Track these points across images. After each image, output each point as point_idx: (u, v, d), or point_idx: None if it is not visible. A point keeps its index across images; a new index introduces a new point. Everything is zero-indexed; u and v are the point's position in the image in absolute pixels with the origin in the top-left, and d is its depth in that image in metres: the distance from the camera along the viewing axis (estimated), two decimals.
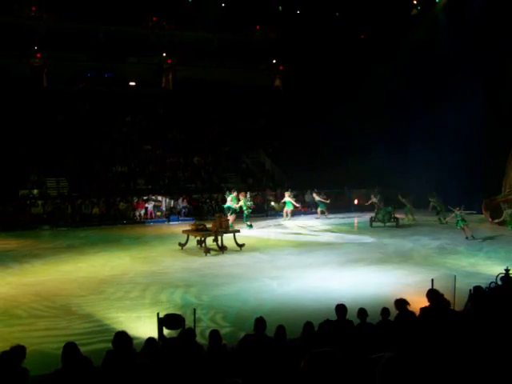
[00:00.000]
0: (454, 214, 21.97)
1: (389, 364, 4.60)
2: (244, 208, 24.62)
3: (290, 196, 28.43)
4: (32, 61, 39.01)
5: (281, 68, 45.79)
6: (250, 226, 24.68)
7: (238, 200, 24.21)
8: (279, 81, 46.40)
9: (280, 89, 45.76)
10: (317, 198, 29.52)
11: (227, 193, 25.19)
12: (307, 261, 17.80)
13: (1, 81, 35.36)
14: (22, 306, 12.68)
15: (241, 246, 19.62)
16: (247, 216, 24.79)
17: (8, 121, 32.79)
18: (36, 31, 38.78)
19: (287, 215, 28.51)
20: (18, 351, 6.48)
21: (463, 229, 21.45)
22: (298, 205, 28.95)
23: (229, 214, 23.38)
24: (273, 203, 31.88)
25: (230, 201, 24.05)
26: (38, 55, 39.05)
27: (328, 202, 29.37)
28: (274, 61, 45.46)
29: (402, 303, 8.42)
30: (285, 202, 28.54)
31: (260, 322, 7.44)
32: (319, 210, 29.25)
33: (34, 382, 6.39)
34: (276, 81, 46.47)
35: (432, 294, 8.57)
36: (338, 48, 38.06)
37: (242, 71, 43.42)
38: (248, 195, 25.06)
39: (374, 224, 25.50)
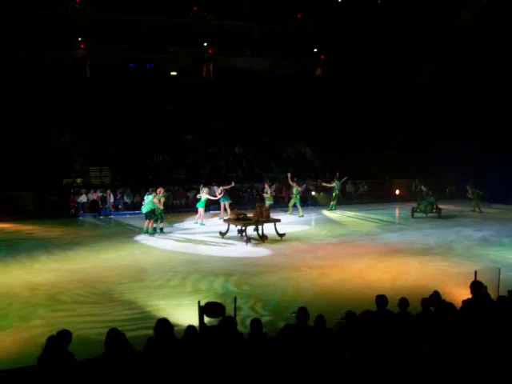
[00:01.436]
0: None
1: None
2: (295, 195, 25.99)
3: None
4: (76, 52, 39.61)
5: (322, 57, 45.44)
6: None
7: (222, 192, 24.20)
8: (320, 70, 46.09)
9: (321, 78, 45.45)
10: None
11: (201, 186, 24.20)
12: (347, 251, 17.71)
13: (46, 71, 35.96)
14: (66, 292, 12.94)
15: (281, 235, 19.60)
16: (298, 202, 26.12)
17: (53, 111, 33.36)
18: (80, 23, 39.36)
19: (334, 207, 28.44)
20: (65, 336, 6.62)
21: None
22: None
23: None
24: (313, 193, 31.74)
25: (206, 194, 23.46)
26: (82, 46, 39.63)
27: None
28: (315, 50, 45.14)
29: (433, 298, 8.26)
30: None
31: (302, 311, 7.41)
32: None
33: (78, 367, 6.49)
34: (317, 70, 46.17)
35: (475, 287, 8.40)
36: (379, 35, 37.58)
37: (283, 60, 43.26)
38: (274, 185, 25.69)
39: (416, 214, 25.18)
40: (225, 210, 24.88)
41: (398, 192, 32.74)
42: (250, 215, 19.65)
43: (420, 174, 28.70)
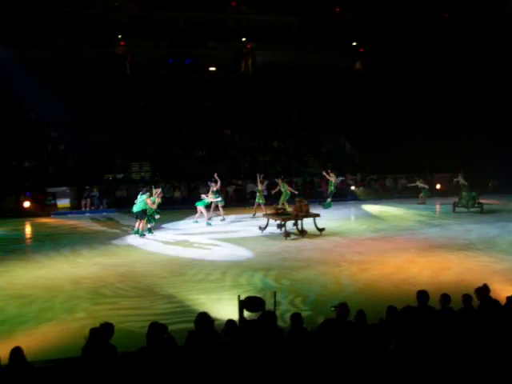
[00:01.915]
0: None
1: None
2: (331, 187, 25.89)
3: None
4: (116, 49, 40.09)
5: (361, 50, 45.05)
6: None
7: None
8: (359, 63, 45.71)
9: (360, 72, 45.08)
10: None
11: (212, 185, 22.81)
12: (387, 246, 17.54)
13: (86, 69, 36.49)
14: (108, 286, 13.16)
15: (321, 230, 19.53)
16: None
17: (94, 108, 33.84)
18: (119, 20, 39.82)
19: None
20: (107, 328, 6.74)
21: None
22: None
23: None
24: (353, 187, 31.56)
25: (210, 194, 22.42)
26: (122, 43, 40.09)
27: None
28: (354, 43, 44.78)
29: (482, 291, 8.13)
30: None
31: (343, 307, 7.38)
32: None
33: (120, 359, 6.59)
34: (356, 64, 45.80)
35: None
36: (419, 28, 37.07)
37: (322, 54, 43.02)
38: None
39: (457, 209, 24.79)
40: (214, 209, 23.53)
41: (438, 186, 32.30)
42: (289, 210, 19.64)
43: (461, 168, 28.25)
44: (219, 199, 22.79)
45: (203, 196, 22.47)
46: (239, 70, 43.27)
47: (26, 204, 26.54)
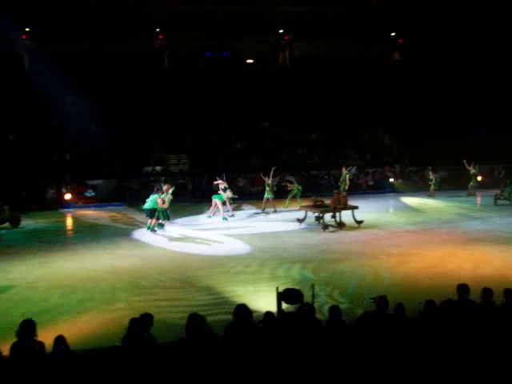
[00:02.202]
0: None
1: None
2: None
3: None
4: (154, 42, 40.33)
5: (400, 41, 44.41)
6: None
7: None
8: (398, 54, 45.08)
9: (399, 63, 44.47)
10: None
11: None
12: (426, 239, 17.33)
13: (125, 63, 36.82)
14: (147, 277, 13.31)
15: (359, 222, 19.39)
16: None
17: (132, 101, 34.16)
18: (157, 14, 40.01)
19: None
20: (147, 318, 6.83)
21: None
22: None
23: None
24: (392, 180, 31.24)
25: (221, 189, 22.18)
26: (160, 37, 40.30)
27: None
28: (393, 34, 44.17)
29: None
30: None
31: (382, 299, 7.32)
32: None
33: (160, 349, 6.66)
34: (395, 54, 45.19)
35: None
36: (460, 18, 36.38)
37: (360, 45, 42.53)
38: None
39: (499, 202, 24.31)
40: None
41: (479, 179, 31.69)
42: (327, 202, 19.56)
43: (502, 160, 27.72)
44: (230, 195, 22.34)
45: (221, 191, 22.18)
46: (276, 62, 43.11)
47: (67, 196, 27.00)
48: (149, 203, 19.25)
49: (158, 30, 40.02)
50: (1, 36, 30.49)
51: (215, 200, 21.85)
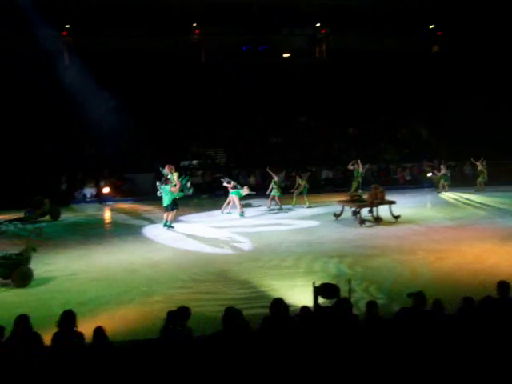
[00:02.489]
0: None
1: None
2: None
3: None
4: (191, 37, 40.49)
5: (439, 34, 43.72)
6: None
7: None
8: (437, 47, 44.39)
9: (438, 56, 43.80)
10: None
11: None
12: (465, 234, 17.01)
13: (162, 58, 37.07)
14: (184, 271, 13.42)
15: (396, 217, 19.19)
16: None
17: (170, 95, 34.38)
18: (194, 8, 40.13)
19: (444, 187, 27.42)
20: (184, 311, 6.89)
21: None
22: None
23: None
24: (429, 174, 30.83)
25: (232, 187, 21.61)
26: (197, 31, 40.44)
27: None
28: (432, 26, 43.49)
29: None
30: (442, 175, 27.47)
31: (419, 295, 7.24)
32: None
33: (196, 342, 6.71)
34: (434, 47, 44.51)
35: None
36: (499, 10, 35.65)
37: (398, 38, 42.00)
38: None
39: None
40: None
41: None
42: (364, 197, 19.42)
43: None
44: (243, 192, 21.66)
45: (238, 187, 21.74)
46: (313, 56, 42.87)
47: (106, 190, 27.36)
48: (166, 199, 18.41)
49: (194, 24, 40.17)
50: (42, 33, 30.96)
51: (232, 196, 21.39)
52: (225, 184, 21.98)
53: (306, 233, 17.85)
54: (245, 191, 21.62)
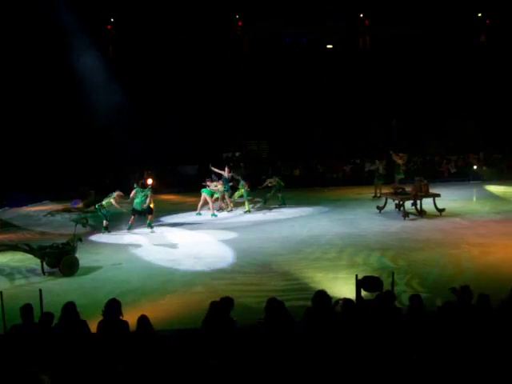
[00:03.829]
0: None
1: None
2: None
3: None
4: (234, 28, 40.53)
5: (487, 22, 42.75)
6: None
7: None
8: (484, 36, 43.44)
9: (486, 45, 42.85)
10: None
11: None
12: (511, 229, 16.64)
13: (205, 51, 37.23)
14: (226, 261, 13.56)
15: (441, 210, 18.90)
16: None
17: (213, 87, 34.53)
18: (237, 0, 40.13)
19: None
20: (227, 302, 6.95)
21: None
22: None
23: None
24: (475, 167, 30.28)
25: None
26: (240, 23, 40.46)
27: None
28: (479, 14, 42.55)
29: None
30: None
31: (465, 289, 7.15)
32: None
33: (240, 332, 6.76)
34: (481, 37, 43.56)
35: None
36: None
37: (443, 27, 41.22)
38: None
39: None
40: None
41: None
42: (408, 189, 19.20)
43: None
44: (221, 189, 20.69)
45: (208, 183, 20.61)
46: (357, 47, 42.44)
47: (149, 181, 27.65)
48: (141, 203, 17.56)
49: (237, 16, 40.19)
50: (91, 27, 31.36)
51: (204, 194, 20.37)
52: (208, 183, 20.56)
53: (349, 225, 17.73)
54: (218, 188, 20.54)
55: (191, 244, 15.74)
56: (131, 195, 17.92)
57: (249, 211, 20.84)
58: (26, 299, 7.97)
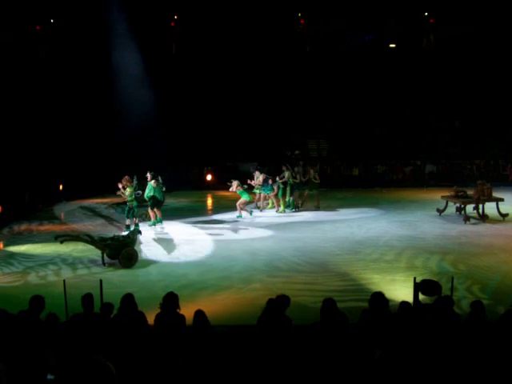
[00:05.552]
0: None
1: None
2: None
3: None
4: (296, 27, 40.44)
5: None
6: None
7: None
8: None
9: None
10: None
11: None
12: None
13: (265, 48, 37.28)
14: (283, 260, 13.54)
15: (504, 215, 18.39)
16: None
17: (274, 85, 34.57)
18: None
19: None
20: (284, 300, 6.96)
21: None
22: None
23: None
24: None
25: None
26: (302, 21, 40.35)
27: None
28: None
29: None
30: None
31: None
32: None
33: (295, 330, 6.75)
34: None
35: None
36: None
37: (509, 27, 40.02)
38: None
39: None
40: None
41: None
42: (470, 193, 18.75)
43: None
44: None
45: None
46: (421, 46, 41.71)
47: (208, 177, 27.99)
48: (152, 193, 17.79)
49: (299, 14, 40.10)
50: (153, 23, 31.83)
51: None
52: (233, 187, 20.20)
53: (408, 227, 17.45)
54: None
55: (247, 240, 15.85)
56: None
57: (283, 211, 20.76)
58: (87, 289, 8.21)
